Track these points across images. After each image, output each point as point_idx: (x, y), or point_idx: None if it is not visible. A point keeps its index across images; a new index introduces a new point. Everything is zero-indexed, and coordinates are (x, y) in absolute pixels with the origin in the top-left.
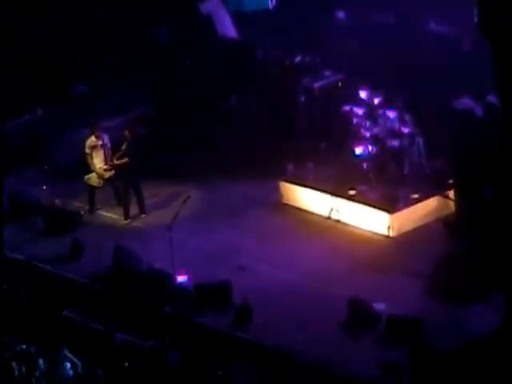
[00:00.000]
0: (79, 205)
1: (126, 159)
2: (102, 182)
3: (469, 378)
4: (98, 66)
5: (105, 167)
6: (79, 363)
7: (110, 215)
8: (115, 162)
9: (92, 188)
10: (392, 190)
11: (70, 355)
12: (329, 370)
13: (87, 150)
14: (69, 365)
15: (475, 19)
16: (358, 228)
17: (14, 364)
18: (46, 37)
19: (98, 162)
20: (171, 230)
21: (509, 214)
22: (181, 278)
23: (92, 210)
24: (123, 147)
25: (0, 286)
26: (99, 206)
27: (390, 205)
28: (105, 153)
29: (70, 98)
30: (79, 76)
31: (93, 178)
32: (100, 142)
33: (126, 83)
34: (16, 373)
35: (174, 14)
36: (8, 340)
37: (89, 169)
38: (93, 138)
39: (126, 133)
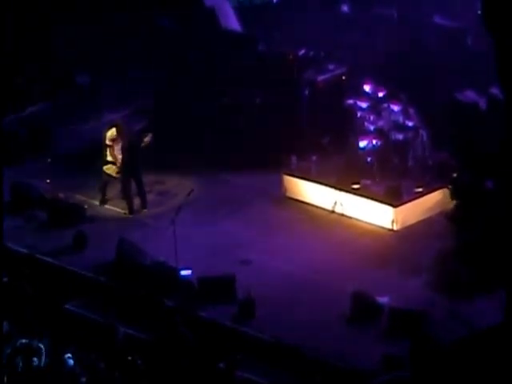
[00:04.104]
0: (82, 198)
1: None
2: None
3: (470, 372)
4: (101, 55)
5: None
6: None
7: (114, 209)
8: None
9: (109, 178)
10: (396, 183)
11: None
12: (332, 362)
13: (109, 142)
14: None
15: (479, 11)
16: (361, 221)
17: (15, 358)
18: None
19: (118, 154)
20: (175, 224)
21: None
22: (184, 272)
23: (104, 201)
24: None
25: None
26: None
27: (394, 198)
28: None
29: (73, 87)
30: (81, 66)
31: (112, 169)
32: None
33: (128, 74)
34: (17, 367)
35: (179, 6)
36: (9, 333)
37: (105, 160)
38: (113, 131)
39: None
